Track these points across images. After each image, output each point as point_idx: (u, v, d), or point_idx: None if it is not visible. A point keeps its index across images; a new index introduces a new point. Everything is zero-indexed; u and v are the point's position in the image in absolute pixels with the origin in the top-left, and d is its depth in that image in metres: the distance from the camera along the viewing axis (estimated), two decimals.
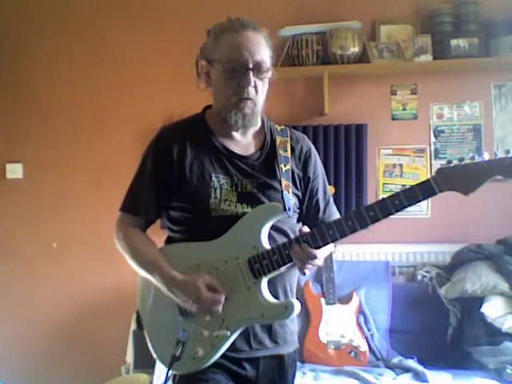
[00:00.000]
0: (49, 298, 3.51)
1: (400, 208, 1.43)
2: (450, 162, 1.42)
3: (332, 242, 1.49)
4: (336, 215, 1.73)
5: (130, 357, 3.10)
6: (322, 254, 1.51)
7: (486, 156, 1.39)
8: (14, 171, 3.55)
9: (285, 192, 1.59)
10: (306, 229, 1.51)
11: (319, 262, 1.51)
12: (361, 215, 1.45)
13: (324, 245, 1.48)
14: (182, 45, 3.36)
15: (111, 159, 3.45)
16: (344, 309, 2.97)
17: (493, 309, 2.84)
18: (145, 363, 2.92)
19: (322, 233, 1.47)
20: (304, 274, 1.52)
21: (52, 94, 3.53)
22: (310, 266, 1.49)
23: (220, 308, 1.51)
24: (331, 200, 1.75)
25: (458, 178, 1.40)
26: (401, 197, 1.43)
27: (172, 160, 1.59)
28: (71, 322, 3.51)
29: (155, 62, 3.44)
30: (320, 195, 1.70)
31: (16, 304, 3.54)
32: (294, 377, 1.71)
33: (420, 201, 1.42)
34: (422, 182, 1.43)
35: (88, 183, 3.50)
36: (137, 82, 3.46)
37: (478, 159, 1.39)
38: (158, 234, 1.71)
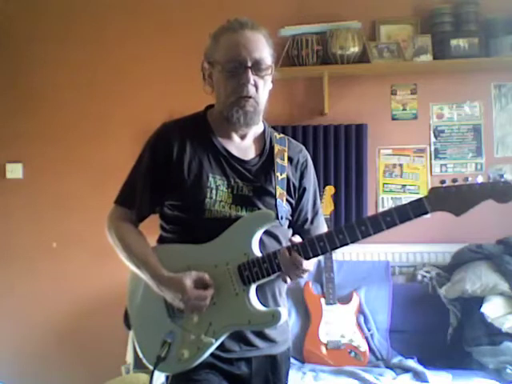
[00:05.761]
0: (49, 297, 3.51)
1: (391, 225, 1.43)
2: (443, 182, 1.44)
3: (322, 253, 1.49)
4: (323, 226, 1.75)
5: (129, 357, 3.10)
6: (309, 265, 1.51)
7: (480, 179, 1.41)
8: (14, 171, 3.55)
9: (279, 200, 1.58)
10: (298, 238, 1.52)
11: (304, 274, 1.51)
12: (352, 229, 1.45)
13: (314, 256, 1.48)
14: (182, 47, 3.38)
15: (111, 160, 3.44)
16: (344, 309, 2.97)
17: (493, 309, 2.83)
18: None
19: (313, 244, 1.48)
20: (285, 281, 1.53)
21: (52, 94, 3.53)
22: (293, 276, 1.51)
23: (207, 303, 1.50)
24: (320, 211, 1.76)
25: (451, 199, 1.40)
26: (393, 214, 1.43)
27: (171, 157, 1.58)
28: (71, 321, 3.51)
29: (155, 63, 3.44)
30: (310, 206, 1.71)
31: (16, 304, 3.54)
32: (287, 373, 1.72)
33: (411, 219, 1.42)
34: (415, 201, 1.43)
35: (88, 183, 3.50)
36: (137, 83, 3.46)
37: (471, 181, 1.40)
38: (155, 233, 1.70)
